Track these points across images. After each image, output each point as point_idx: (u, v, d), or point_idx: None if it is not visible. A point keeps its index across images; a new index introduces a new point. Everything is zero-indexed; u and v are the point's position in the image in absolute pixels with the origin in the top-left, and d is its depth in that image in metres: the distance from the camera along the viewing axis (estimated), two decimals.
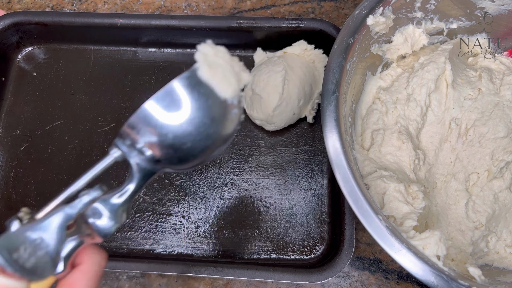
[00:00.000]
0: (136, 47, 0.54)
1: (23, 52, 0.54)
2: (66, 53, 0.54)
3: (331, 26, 0.49)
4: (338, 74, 0.37)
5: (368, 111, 0.43)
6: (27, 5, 0.57)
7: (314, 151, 0.49)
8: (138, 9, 0.57)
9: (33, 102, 0.52)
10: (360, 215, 0.32)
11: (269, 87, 0.45)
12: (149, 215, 0.47)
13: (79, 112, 0.51)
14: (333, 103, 0.36)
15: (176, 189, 0.48)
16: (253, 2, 0.57)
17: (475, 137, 0.42)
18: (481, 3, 0.41)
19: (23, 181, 0.48)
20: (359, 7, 0.39)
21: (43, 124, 0.51)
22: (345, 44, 0.38)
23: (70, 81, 0.53)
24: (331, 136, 0.34)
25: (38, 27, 0.51)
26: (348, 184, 0.33)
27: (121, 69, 0.53)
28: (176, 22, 0.50)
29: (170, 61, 0.53)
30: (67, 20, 0.51)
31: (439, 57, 0.42)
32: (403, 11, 0.41)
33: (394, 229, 0.32)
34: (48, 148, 0.50)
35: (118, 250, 0.45)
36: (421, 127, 0.42)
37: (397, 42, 0.43)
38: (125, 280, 0.45)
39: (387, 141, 0.41)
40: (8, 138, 0.50)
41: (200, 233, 0.46)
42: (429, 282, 0.30)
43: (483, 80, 0.43)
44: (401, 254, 0.31)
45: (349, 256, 0.40)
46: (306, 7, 0.56)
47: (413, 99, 0.42)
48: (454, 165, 0.42)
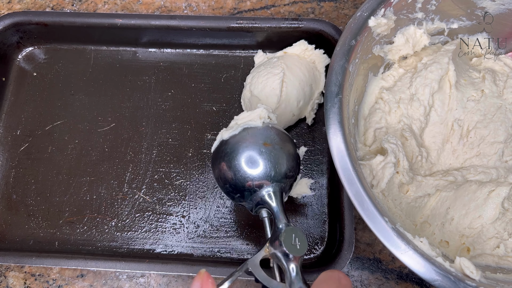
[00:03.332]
0: (136, 47, 0.54)
1: (23, 52, 0.54)
2: (66, 53, 0.54)
3: (331, 26, 0.49)
4: (341, 76, 0.37)
5: (371, 111, 0.43)
6: (27, 5, 0.57)
7: (313, 151, 0.49)
8: (138, 9, 0.57)
9: (33, 102, 0.52)
10: (366, 217, 0.32)
11: (267, 89, 0.45)
12: (149, 215, 0.47)
13: (79, 112, 0.51)
14: (337, 105, 0.36)
15: (176, 189, 0.48)
16: (253, 2, 0.56)
17: (476, 139, 0.42)
18: (482, 3, 0.41)
19: (23, 181, 0.48)
20: (360, 8, 0.39)
21: (43, 124, 0.51)
22: (348, 46, 0.38)
23: (70, 81, 0.53)
24: (335, 138, 0.34)
25: (38, 27, 0.51)
26: (354, 186, 0.33)
27: (121, 69, 0.53)
28: (176, 22, 0.50)
29: (170, 61, 0.53)
30: (67, 20, 0.51)
31: (443, 57, 0.42)
32: (404, 12, 0.41)
33: (399, 231, 0.32)
34: (48, 148, 0.50)
35: (118, 250, 0.45)
36: (424, 126, 0.42)
37: (399, 43, 0.43)
38: (125, 280, 0.45)
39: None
40: (8, 138, 0.50)
41: (200, 233, 0.46)
42: (436, 283, 0.30)
43: (487, 81, 0.43)
44: (407, 255, 0.31)
45: (348, 256, 0.41)
46: (306, 7, 0.56)
47: (416, 98, 0.42)
48: (453, 167, 0.42)
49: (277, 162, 0.37)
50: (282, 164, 0.37)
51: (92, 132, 0.50)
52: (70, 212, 0.47)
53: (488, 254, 0.37)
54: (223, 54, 0.53)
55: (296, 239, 0.33)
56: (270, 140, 0.37)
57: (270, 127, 0.39)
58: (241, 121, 0.39)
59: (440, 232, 0.39)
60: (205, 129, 0.50)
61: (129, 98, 0.52)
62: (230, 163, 0.37)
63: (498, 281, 0.33)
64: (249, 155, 0.37)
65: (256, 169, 0.36)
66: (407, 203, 0.40)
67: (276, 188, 0.37)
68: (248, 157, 0.36)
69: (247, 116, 0.40)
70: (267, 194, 0.36)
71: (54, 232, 0.46)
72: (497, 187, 0.38)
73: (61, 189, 0.48)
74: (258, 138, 0.37)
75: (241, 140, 0.38)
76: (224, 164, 0.37)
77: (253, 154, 0.37)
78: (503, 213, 0.38)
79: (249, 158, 0.36)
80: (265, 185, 0.36)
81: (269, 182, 0.36)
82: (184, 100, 0.51)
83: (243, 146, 0.37)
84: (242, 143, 0.37)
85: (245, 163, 0.37)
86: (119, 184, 0.48)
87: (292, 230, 0.33)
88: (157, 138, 0.50)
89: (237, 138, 0.38)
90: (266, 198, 0.36)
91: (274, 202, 0.36)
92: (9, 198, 0.48)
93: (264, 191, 0.36)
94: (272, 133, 0.38)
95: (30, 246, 0.46)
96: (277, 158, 0.37)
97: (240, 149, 0.37)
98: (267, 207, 0.36)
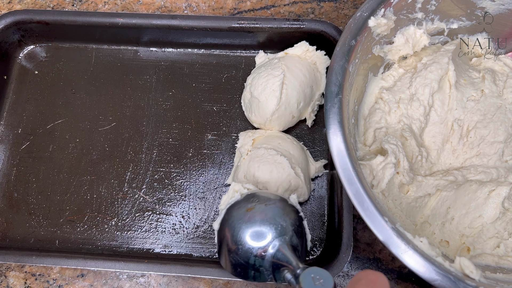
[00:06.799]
0: (138, 47, 0.54)
1: (24, 51, 0.54)
2: (68, 52, 0.54)
3: (332, 27, 0.49)
4: (341, 76, 0.37)
5: (371, 111, 0.43)
6: (27, 6, 0.57)
7: (314, 152, 0.49)
8: (139, 9, 0.57)
9: (35, 100, 0.52)
10: (366, 217, 0.32)
11: (267, 91, 0.45)
12: (149, 215, 0.47)
13: (80, 110, 0.51)
14: (337, 105, 0.36)
15: (176, 189, 0.48)
16: (253, 3, 0.57)
17: (476, 139, 0.42)
18: (482, 3, 0.41)
19: (24, 179, 0.48)
20: (360, 9, 0.39)
21: (44, 123, 0.51)
22: (348, 46, 0.38)
23: (72, 79, 0.53)
24: (335, 138, 0.35)
25: (39, 26, 0.52)
26: (354, 186, 0.33)
27: (122, 68, 0.53)
28: (177, 22, 0.50)
29: (171, 61, 0.53)
30: (69, 19, 0.51)
31: (442, 57, 0.42)
32: (404, 12, 0.41)
33: (399, 231, 0.32)
34: (49, 146, 0.50)
35: (118, 249, 0.45)
36: (424, 126, 0.42)
37: (399, 43, 0.43)
38: (125, 280, 0.45)
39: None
40: (9, 136, 0.50)
41: (200, 234, 0.46)
42: (435, 282, 0.30)
43: (486, 81, 0.43)
44: (407, 255, 0.31)
45: (347, 257, 0.40)
46: (306, 7, 0.56)
47: (416, 98, 0.42)
48: (454, 166, 0.42)
49: (268, 219, 0.36)
50: (273, 218, 0.36)
51: (93, 131, 0.50)
52: (70, 211, 0.47)
53: (488, 253, 0.37)
54: (224, 54, 0.53)
55: (317, 277, 0.30)
56: (252, 204, 0.38)
57: (249, 194, 0.39)
58: (223, 205, 0.41)
59: (440, 231, 0.39)
60: (205, 129, 0.50)
61: (130, 97, 0.52)
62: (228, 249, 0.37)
63: (498, 281, 0.33)
64: (240, 228, 0.36)
65: (254, 237, 0.36)
66: (407, 203, 0.40)
67: (278, 243, 0.35)
68: (241, 231, 0.36)
69: (225, 198, 0.41)
70: (274, 253, 0.35)
71: (54, 230, 0.46)
72: (497, 187, 0.38)
73: (61, 188, 0.48)
74: (240, 209, 0.38)
75: (227, 221, 0.38)
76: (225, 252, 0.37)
77: (241, 226, 0.36)
78: (503, 213, 0.38)
79: (243, 232, 0.36)
80: (267, 246, 0.35)
81: (269, 242, 0.36)
82: (185, 100, 0.52)
83: (230, 225, 0.37)
84: (229, 223, 0.37)
85: (239, 239, 0.36)
86: (119, 183, 0.48)
87: (310, 271, 0.31)
88: (158, 138, 0.50)
89: (224, 222, 0.38)
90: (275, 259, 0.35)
91: (285, 255, 0.35)
92: (10, 196, 0.48)
93: (270, 254, 0.35)
94: (251, 198, 0.39)
95: (30, 244, 0.46)
96: (265, 216, 0.36)
97: (230, 229, 0.37)
98: (281, 263, 0.35)
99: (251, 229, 0.36)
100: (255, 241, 0.36)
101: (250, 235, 0.36)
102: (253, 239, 0.36)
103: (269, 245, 0.35)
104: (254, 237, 0.36)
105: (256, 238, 0.36)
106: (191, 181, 0.48)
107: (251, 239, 0.36)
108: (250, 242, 0.36)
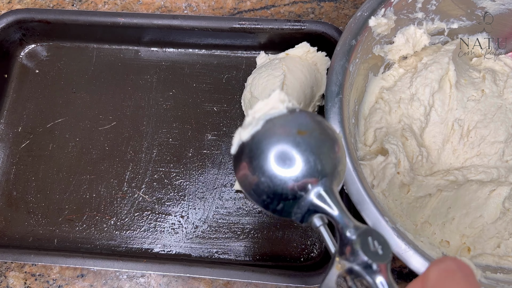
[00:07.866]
0: (138, 46, 0.54)
1: (25, 50, 0.54)
2: (69, 51, 0.54)
3: (334, 28, 0.49)
4: (342, 76, 0.37)
5: (371, 111, 0.43)
6: (27, 5, 0.57)
7: None
8: (138, 9, 0.57)
9: (35, 99, 0.52)
10: (366, 217, 0.32)
11: (267, 91, 0.45)
12: (148, 214, 0.47)
13: (81, 110, 0.51)
14: (337, 105, 0.36)
15: (176, 189, 0.48)
16: (253, 3, 0.57)
17: (476, 139, 0.42)
18: (482, 3, 0.42)
19: (24, 178, 0.48)
20: (360, 8, 0.39)
21: (44, 122, 0.51)
22: (348, 46, 0.38)
23: (72, 79, 0.53)
24: None
25: (41, 25, 0.52)
26: (354, 186, 0.33)
27: (123, 68, 0.53)
28: (178, 22, 0.50)
29: (172, 61, 0.54)
30: (70, 18, 0.51)
31: (443, 57, 0.42)
32: (405, 12, 0.41)
33: (399, 231, 0.32)
34: (49, 145, 0.50)
35: (116, 248, 0.45)
36: (424, 126, 0.42)
37: (399, 43, 0.43)
38: (125, 280, 0.45)
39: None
40: (9, 134, 0.50)
41: (199, 234, 0.46)
42: None
43: (487, 81, 0.43)
44: (408, 255, 0.31)
45: None
46: (306, 7, 0.56)
47: (416, 98, 0.42)
48: (454, 166, 0.42)
49: (321, 152, 0.29)
50: (327, 153, 0.29)
51: (93, 130, 0.50)
52: (69, 210, 0.47)
53: (489, 254, 0.37)
54: (225, 54, 0.54)
55: (374, 242, 0.26)
56: (305, 127, 0.29)
57: (299, 112, 0.30)
58: (260, 113, 0.30)
59: (441, 232, 0.39)
60: (205, 130, 0.50)
61: (131, 97, 0.52)
62: (260, 169, 0.28)
63: (499, 281, 0.33)
64: (283, 151, 0.28)
65: (296, 167, 0.28)
66: (408, 203, 0.40)
67: (327, 184, 0.28)
68: (283, 154, 0.28)
69: (264, 105, 0.30)
70: (317, 195, 0.28)
71: (53, 229, 0.46)
72: (498, 187, 0.38)
73: (61, 187, 0.48)
74: (289, 128, 0.29)
75: (268, 136, 0.29)
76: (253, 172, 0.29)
77: (287, 148, 0.28)
78: (504, 213, 0.38)
79: (284, 155, 0.28)
80: (312, 184, 0.28)
81: (316, 180, 0.28)
82: (185, 100, 0.52)
83: (272, 142, 0.28)
84: (270, 139, 0.29)
85: (280, 163, 0.28)
86: (119, 183, 0.48)
87: (367, 232, 0.26)
88: (158, 138, 0.50)
89: (262, 135, 0.29)
90: (317, 202, 0.28)
91: (330, 204, 0.28)
92: (9, 195, 0.48)
93: (313, 193, 0.28)
94: (304, 118, 0.30)
95: (29, 243, 0.46)
96: (320, 147, 0.29)
97: (269, 147, 0.28)
98: (321, 211, 0.28)
99: (299, 158, 0.28)
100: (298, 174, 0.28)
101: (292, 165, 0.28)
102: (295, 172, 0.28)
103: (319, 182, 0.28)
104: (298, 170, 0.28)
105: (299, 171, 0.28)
106: (191, 181, 0.48)
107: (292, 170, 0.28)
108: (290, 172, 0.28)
